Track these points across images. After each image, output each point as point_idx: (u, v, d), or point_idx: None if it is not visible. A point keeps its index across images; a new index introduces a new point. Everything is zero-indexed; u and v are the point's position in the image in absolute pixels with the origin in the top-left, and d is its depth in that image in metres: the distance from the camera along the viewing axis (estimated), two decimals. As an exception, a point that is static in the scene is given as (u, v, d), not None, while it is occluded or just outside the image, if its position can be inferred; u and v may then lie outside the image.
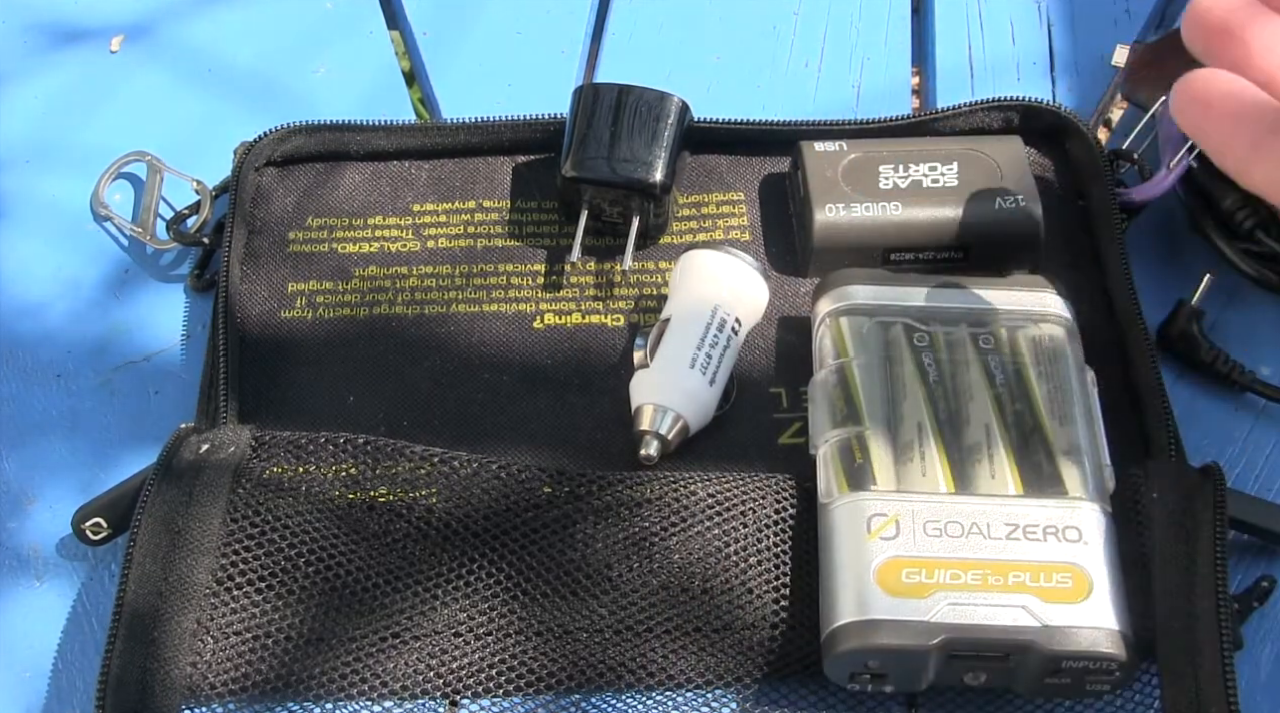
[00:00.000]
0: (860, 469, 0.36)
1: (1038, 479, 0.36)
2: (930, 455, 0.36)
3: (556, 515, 0.38)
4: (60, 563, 0.41)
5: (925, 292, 0.40)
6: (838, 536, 0.35)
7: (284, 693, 0.35)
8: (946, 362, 0.39)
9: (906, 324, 0.39)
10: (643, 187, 0.44)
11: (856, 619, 0.33)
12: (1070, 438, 0.37)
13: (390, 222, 0.46)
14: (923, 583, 0.33)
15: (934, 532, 0.34)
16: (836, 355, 0.39)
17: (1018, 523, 0.34)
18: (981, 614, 0.33)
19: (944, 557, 0.34)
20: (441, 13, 0.56)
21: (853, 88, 0.53)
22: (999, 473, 0.36)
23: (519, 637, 0.36)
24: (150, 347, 0.46)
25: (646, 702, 0.36)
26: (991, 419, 0.37)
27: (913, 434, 0.37)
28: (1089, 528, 0.35)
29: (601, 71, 0.54)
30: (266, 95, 0.52)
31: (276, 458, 0.38)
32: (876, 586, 0.33)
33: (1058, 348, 0.39)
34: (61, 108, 0.52)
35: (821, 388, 0.39)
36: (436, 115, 0.53)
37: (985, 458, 0.36)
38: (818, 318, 0.41)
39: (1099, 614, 0.33)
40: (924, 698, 0.35)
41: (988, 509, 0.35)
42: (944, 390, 0.38)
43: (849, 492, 0.36)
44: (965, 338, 0.39)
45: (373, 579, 0.37)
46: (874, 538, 0.34)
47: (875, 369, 0.38)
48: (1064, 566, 0.34)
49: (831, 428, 0.38)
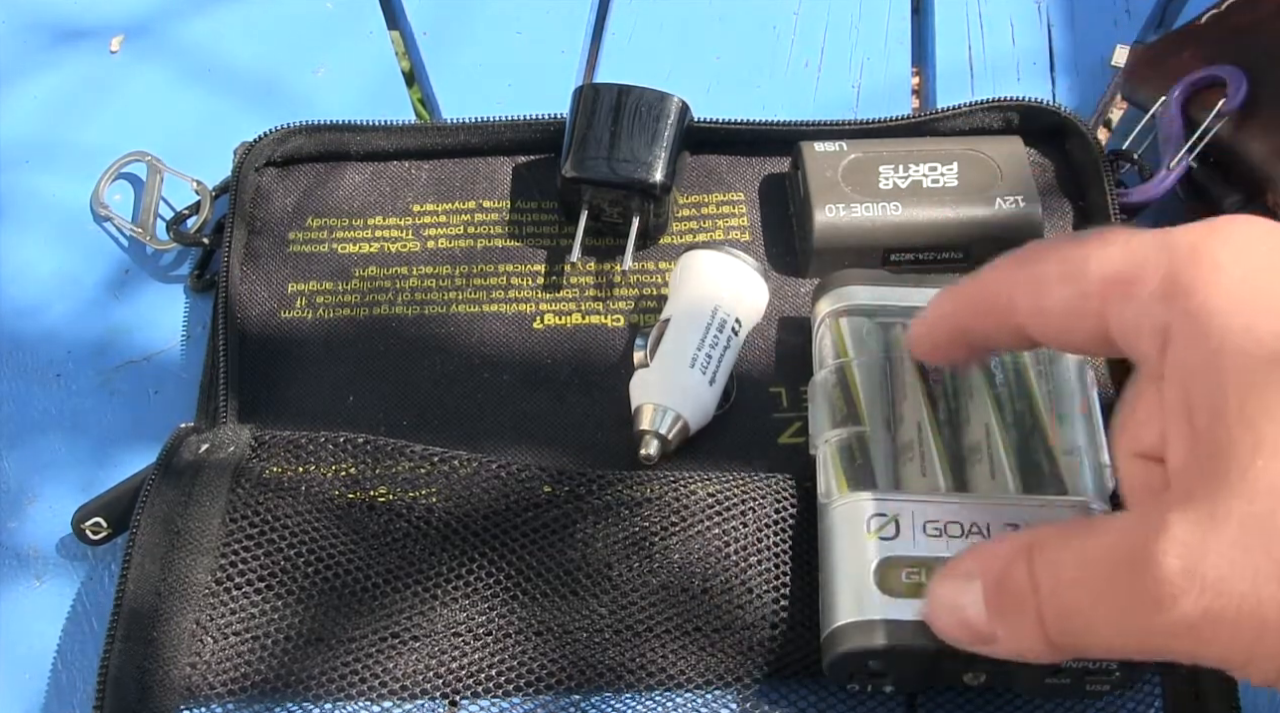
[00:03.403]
0: (860, 470, 0.36)
1: (1038, 479, 0.36)
2: (930, 456, 0.36)
3: (556, 515, 0.38)
4: (60, 563, 0.41)
5: (926, 292, 0.40)
6: (837, 536, 0.35)
7: (283, 693, 0.35)
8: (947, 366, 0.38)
9: (906, 324, 0.39)
10: (643, 186, 0.44)
11: (855, 620, 0.33)
12: (1070, 438, 0.37)
13: (390, 222, 0.46)
14: (922, 583, 0.33)
15: (934, 532, 0.34)
16: (836, 355, 0.39)
17: (1017, 522, 0.34)
18: None
19: (944, 557, 0.34)
20: (441, 13, 0.56)
21: (853, 88, 0.53)
22: (999, 473, 0.36)
23: (519, 637, 0.36)
24: (150, 347, 0.46)
25: (646, 702, 0.36)
26: (991, 419, 0.37)
27: (912, 435, 0.37)
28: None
29: (601, 71, 0.54)
30: (266, 95, 0.52)
31: (276, 458, 0.38)
32: (875, 587, 0.33)
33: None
34: (61, 108, 0.52)
35: (821, 388, 0.39)
36: (436, 115, 0.53)
37: (985, 458, 0.36)
38: (818, 318, 0.41)
39: None
40: (924, 698, 0.35)
41: (987, 510, 0.35)
42: (944, 391, 0.38)
43: (848, 493, 0.36)
44: None
45: (372, 579, 0.37)
46: (873, 538, 0.34)
47: (875, 370, 0.38)
48: None
49: (831, 428, 0.38)
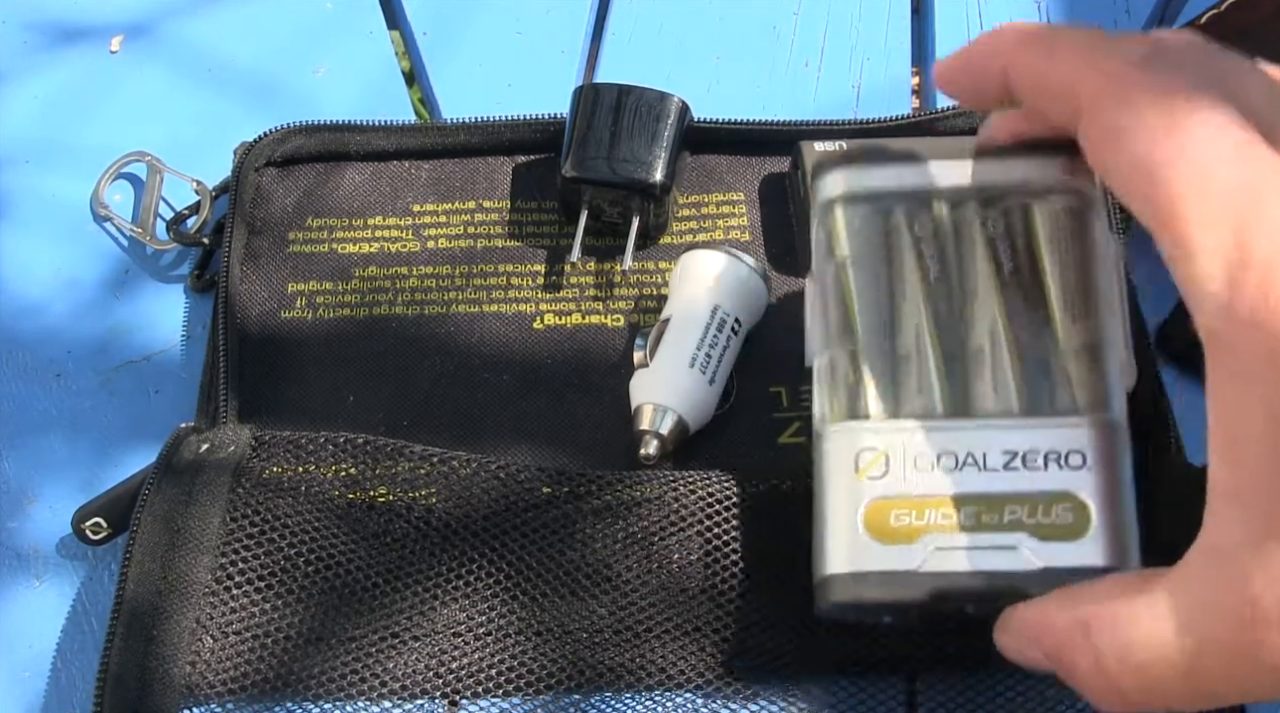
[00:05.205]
0: (852, 392, 0.34)
1: (1045, 388, 0.33)
2: (927, 369, 0.34)
3: (556, 516, 0.38)
4: (60, 563, 0.41)
5: (930, 167, 0.36)
6: (826, 471, 0.34)
7: (283, 693, 0.35)
8: (951, 253, 0.35)
9: (908, 209, 0.35)
10: (643, 186, 0.44)
11: (844, 572, 0.32)
12: (1083, 335, 0.33)
13: (390, 222, 0.47)
14: (912, 525, 0.32)
15: (925, 466, 0.32)
16: (830, 255, 0.35)
17: (1016, 450, 0.32)
18: (972, 560, 0.32)
19: (936, 494, 0.32)
20: (441, 13, 0.56)
21: (853, 88, 0.53)
22: (1001, 387, 0.33)
23: (519, 637, 0.36)
24: (150, 347, 0.46)
25: (646, 702, 0.36)
26: (997, 320, 0.34)
27: (910, 346, 0.34)
28: (1094, 450, 0.32)
29: (601, 71, 0.54)
30: (266, 95, 0.52)
31: (276, 458, 0.38)
32: (864, 531, 0.32)
33: (1077, 225, 0.35)
34: (61, 108, 0.52)
35: (814, 297, 0.36)
36: (436, 115, 0.53)
37: (987, 368, 0.34)
38: (813, 207, 0.37)
39: (1096, 552, 0.31)
40: (924, 698, 0.35)
41: (985, 437, 0.33)
42: (946, 289, 0.34)
43: (839, 420, 0.34)
44: (973, 220, 0.35)
45: (372, 579, 0.37)
46: (862, 477, 0.33)
47: (871, 270, 0.35)
48: (1063, 496, 0.32)
49: (824, 344, 0.35)
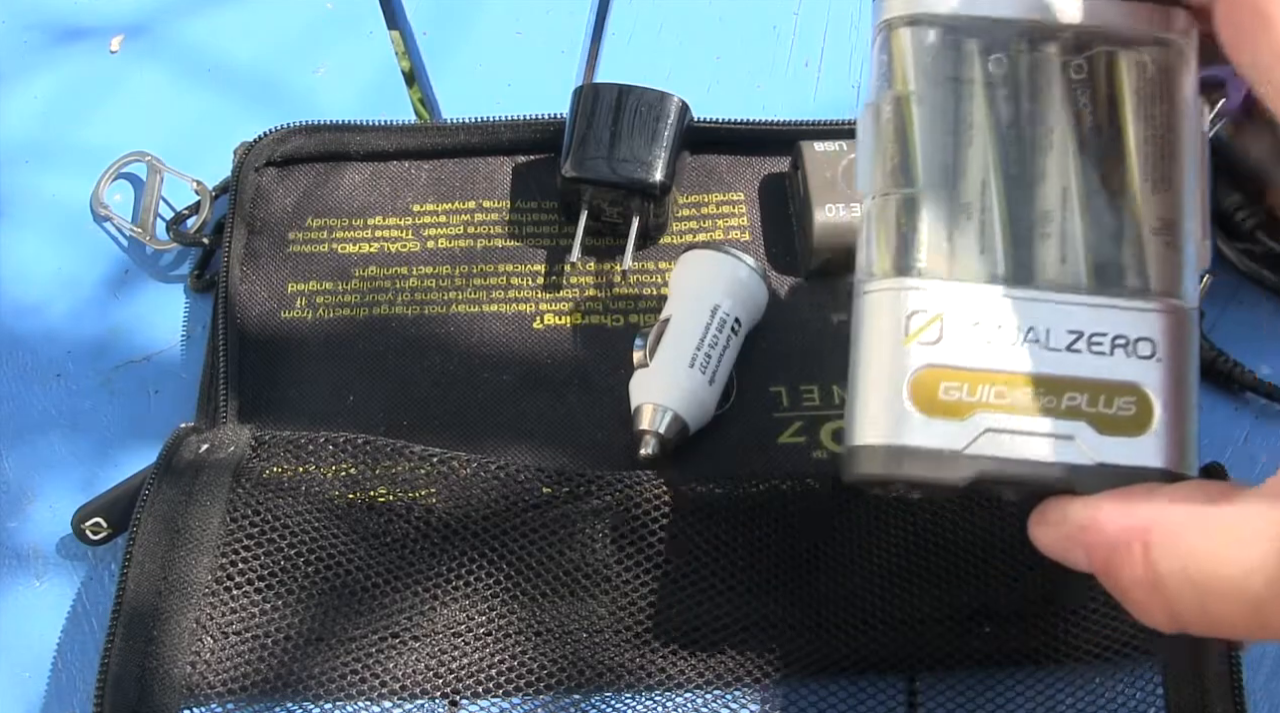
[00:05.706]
0: (906, 241, 0.31)
1: (1116, 263, 0.31)
2: (991, 224, 0.31)
3: (556, 516, 0.38)
4: (60, 563, 0.41)
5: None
6: (869, 330, 0.31)
7: (283, 693, 0.35)
8: (1025, 97, 0.31)
9: (983, 41, 0.32)
10: (643, 186, 0.44)
11: (880, 444, 0.30)
12: (1162, 209, 0.31)
13: (390, 222, 0.46)
14: (962, 401, 0.29)
15: (982, 337, 0.30)
16: (891, 83, 0.32)
17: (1082, 331, 0.30)
18: (1024, 447, 0.29)
19: (991, 369, 0.29)
20: (441, 13, 0.55)
21: (853, 88, 0.53)
22: (1070, 256, 0.31)
23: (519, 637, 0.36)
24: (150, 347, 0.46)
25: (646, 702, 0.36)
26: (1071, 180, 0.31)
27: (974, 194, 0.31)
28: (1165, 339, 0.30)
29: (601, 71, 0.54)
30: (266, 95, 0.52)
31: (276, 458, 0.38)
32: (909, 402, 0.29)
33: (1168, 81, 0.31)
34: (61, 108, 0.52)
35: (870, 126, 0.32)
36: (436, 115, 0.53)
37: (1056, 233, 0.31)
38: (876, 23, 0.33)
39: (1155, 453, 0.29)
40: (923, 698, 0.35)
41: (1049, 311, 0.30)
42: (1017, 137, 0.31)
43: (889, 275, 0.31)
44: (1053, 63, 0.32)
45: (373, 579, 0.37)
46: (911, 342, 0.30)
47: (938, 106, 0.31)
48: (1128, 387, 0.29)
49: (878, 182, 0.32)
